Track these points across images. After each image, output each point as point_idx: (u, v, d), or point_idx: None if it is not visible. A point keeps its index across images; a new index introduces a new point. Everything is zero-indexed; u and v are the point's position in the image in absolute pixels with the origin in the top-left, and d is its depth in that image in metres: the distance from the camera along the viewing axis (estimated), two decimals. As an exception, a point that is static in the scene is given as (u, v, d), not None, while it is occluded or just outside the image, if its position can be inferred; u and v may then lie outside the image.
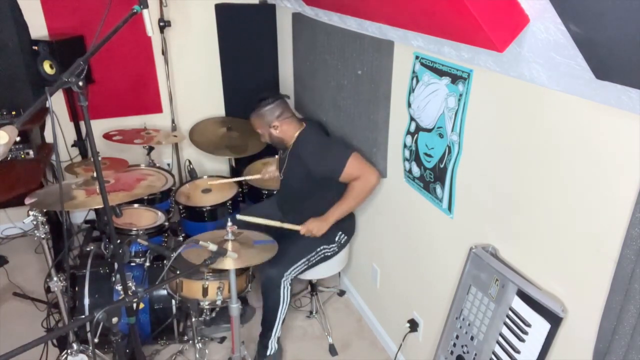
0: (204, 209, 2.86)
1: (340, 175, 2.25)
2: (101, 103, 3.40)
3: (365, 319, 2.81)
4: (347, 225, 2.53)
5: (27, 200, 1.93)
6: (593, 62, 1.06)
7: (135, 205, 2.85)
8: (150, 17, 1.58)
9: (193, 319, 2.34)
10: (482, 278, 1.63)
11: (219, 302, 2.22)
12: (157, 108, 3.64)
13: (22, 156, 3.04)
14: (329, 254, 2.46)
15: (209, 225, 2.85)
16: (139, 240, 2.13)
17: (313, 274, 2.51)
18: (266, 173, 2.77)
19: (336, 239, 2.46)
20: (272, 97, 2.36)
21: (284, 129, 2.34)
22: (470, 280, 1.69)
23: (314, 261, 2.40)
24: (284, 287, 2.30)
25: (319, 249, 2.40)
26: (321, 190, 2.34)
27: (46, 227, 1.89)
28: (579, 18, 1.00)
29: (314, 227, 2.31)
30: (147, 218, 2.73)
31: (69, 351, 2.01)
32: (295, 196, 2.47)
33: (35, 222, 1.85)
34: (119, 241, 1.82)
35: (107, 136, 3.20)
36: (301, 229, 2.31)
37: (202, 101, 3.71)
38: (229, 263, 1.84)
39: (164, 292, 2.37)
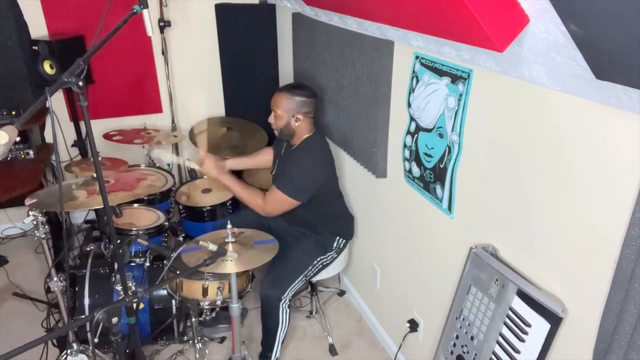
0: (204, 209, 2.86)
1: (274, 185, 2.27)
2: (101, 103, 3.39)
3: (365, 319, 2.81)
4: (344, 229, 2.52)
5: (28, 201, 1.92)
6: (593, 62, 1.06)
7: (135, 205, 2.85)
8: (150, 17, 1.58)
9: (193, 319, 2.34)
10: (482, 278, 1.63)
11: (219, 302, 2.22)
12: (157, 108, 3.64)
13: (22, 156, 3.04)
14: (327, 261, 2.45)
15: (208, 225, 2.85)
16: (139, 240, 2.13)
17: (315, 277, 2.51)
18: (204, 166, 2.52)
19: (334, 245, 2.45)
20: (311, 91, 2.36)
21: (302, 125, 2.32)
22: (470, 280, 1.69)
23: (311, 274, 2.39)
24: (282, 310, 2.27)
25: (315, 262, 2.38)
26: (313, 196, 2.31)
27: (46, 227, 1.89)
28: (579, 18, 1.00)
29: (207, 163, 2.35)
30: (147, 218, 2.73)
31: (69, 351, 2.01)
32: None
33: (35, 222, 1.85)
34: (119, 241, 1.82)
35: (107, 136, 3.20)
36: (201, 154, 2.39)
37: (202, 101, 3.70)
38: (230, 267, 1.84)
39: (164, 292, 2.36)
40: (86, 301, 2.24)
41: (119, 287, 2.24)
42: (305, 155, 2.32)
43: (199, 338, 2.42)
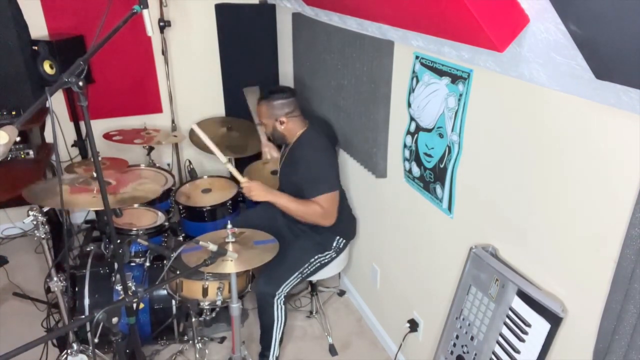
0: (204, 209, 2.86)
1: (311, 198, 2.24)
2: (101, 103, 3.39)
3: (365, 319, 2.81)
4: (345, 229, 2.51)
5: (25, 193, 1.92)
6: (593, 62, 1.06)
7: (135, 205, 2.85)
8: (150, 17, 1.58)
9: (193, 319, 2.34)
10: (482, 278, 1.63)
11: (219, 302, 2.22)
12: (157, 108, 3.64)
13: (22, 156, 3.04)
14: (326, 261, 2.44)
15: (208, 225, 2.85)
16: (139, 240, 2.13)
17: (311, 276, 2.51)
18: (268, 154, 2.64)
19: (333, 244, 2.44)
20: (287, 92, 2.34)
21: (289, 126, 2.33)
22: (470, 280, 1.69)
23: (308, 272, 2.37)
24: (277, 307, 2.26)
25: (312, 260, 2.37)
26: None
27: (46, 227, 1.89)
28: (579, 18, 1.00)
29: (255, 190, 2.27)
30: (147, 218, 2.73)
31: (69, 351, 2.01)
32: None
33: (35, 222, 1.85)
34: (119, 241, 1.82)
35: (107, 136, 3.20)
36: (244, 183, 2.28)
37: (202, 101, 3.70)
38: (230, 267, 1.84)
39: (164, 292, 2.36)
40: (86, 301, 2.24)
41: (119, 287, 2.24)
42: (309, 152, 2.31)
43: (199, 338, 2.42)
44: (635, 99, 1.04)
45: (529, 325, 1.45)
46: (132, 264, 2.39)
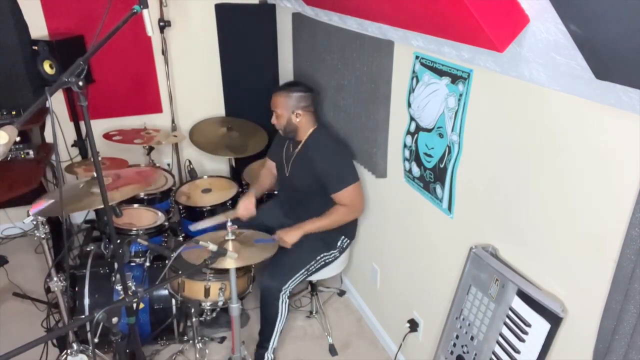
0: (204, 209, 2.86)
1: (334, 193, 2.26)
2: (101, 103, 3.39)
3: (365, 319, 2.81)
4: (350, 229, 2.52)
5: (32, 211, 1.91)
6: (593, 62, 1.06)
7: (135, 205, 2.85)
8: (150, 17, 1.58)
9: (193, 319, 2.34)
10: (482, 278, 1.63)
11: (220, 303, 2.22)
12: (157, 108, 3.64)
13: (22, 156, 3.04)
14: (330, 259, 2.45)
15: (209, 225, 2.85)
16: (139, 240, 2.13)
17: (313, 276, 2.51)
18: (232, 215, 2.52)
19: (338, 244, 2.45)
20: (308, 87, 2.40)
21: (303, 120, 2.35)
22: (470, 280, 1.69)
23: (313, 269, 2.39)
24: (282, 301, 2.29)
25: (318, 258, 2.38)
26: (326, 193, 2.32)
27: (46, 227, 1.89)
28: (579, 18, 1.00)
29: (287, 238, 2.27)
30: (147, 218, 2.73)
31: (69, 351, 2.01)
32: (298, 196, 2.47)
33: (35, 222, 1.85)
34: (119, 241, 1.82)
35: (107, 136, 3.20)
36: (283, 242, 2.28)
37: (202, 101, 3.70)
38: (229, 262, 1.84)
39: (164, 292, 2.36)
40: (86, 301, 2.24)
41: (119, 287, 2.24)
42: (324, 151, 2.34)
43: (199, 338, 2.42)
44: (635, 99, 1.04)
45: (529, 325, 1.45)
46: (132, 264, 2.39)
